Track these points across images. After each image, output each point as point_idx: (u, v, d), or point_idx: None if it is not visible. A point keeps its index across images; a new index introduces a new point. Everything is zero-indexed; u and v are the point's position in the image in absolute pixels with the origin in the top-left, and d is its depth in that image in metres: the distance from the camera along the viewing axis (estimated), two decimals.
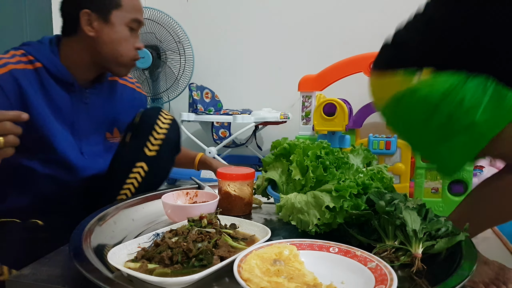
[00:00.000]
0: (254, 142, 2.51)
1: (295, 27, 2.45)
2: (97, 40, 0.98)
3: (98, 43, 0.98)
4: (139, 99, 1.22)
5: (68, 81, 0.99)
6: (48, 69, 0.96)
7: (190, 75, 2.44)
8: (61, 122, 0.99)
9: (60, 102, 0.98)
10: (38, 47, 0.98)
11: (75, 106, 1.02)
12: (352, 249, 0.62)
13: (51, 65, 0.97)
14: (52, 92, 0.97)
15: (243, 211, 0.90)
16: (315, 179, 0.76)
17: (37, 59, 0.96)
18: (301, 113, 1.71)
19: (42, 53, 0.97)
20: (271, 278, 0.53)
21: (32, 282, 0.59)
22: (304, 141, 0.86)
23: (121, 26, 0.99)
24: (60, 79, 0.98)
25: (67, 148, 0.99)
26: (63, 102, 0.99)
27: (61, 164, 0.99)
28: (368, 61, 1.55)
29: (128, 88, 1.19)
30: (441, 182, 1.45)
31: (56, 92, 0.97)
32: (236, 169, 0.91)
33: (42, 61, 0.96)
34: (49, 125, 0.95)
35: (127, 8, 0.99)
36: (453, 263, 0.61)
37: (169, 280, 0.52)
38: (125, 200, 0.90)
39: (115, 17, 0.98)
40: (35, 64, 0.95)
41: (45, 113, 0.95)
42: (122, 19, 0.98)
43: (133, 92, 1.20)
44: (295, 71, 2.00)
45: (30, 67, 0.95)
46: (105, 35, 0.98)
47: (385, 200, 0.68)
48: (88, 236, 0.69)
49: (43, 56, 0.97)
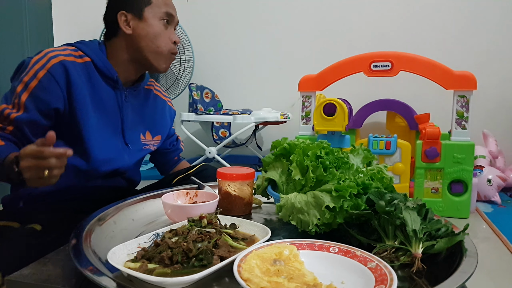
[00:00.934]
0: (254, 142, 2.51)
1: (295, 27, 2.45)
2: (135, 36, 1.06)
3: (136, 39, 1.07)
4: (169, 112, 1.31)
5: (113, 77, 1.06)
6: (96, 64, 1.04)
7: (190, 75, 2.44)
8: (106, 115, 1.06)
9: (104, 96, 1.06)
10: (88, 44, 1.07)
11: (121, 102, 1.09)
12: (352, 249, 0.62)
13: (98, 60, 1.05)
14: (98, 85, 1.04)
15: (243, 211, 0.90)
16: (315, 179, 0.76)
17: (87, 54, 1.04)
18: (301, 113, 1.71)
19: (91, 49, 1.06)
20: (271, 278, 0.53)
21: (32, 282, 0.59)
22: (304, 141, 0.86)
23: (154, 20, 1.07)
24: (106, 75, 1.05)
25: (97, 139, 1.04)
26: (108, 97, 1.07)
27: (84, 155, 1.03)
28: (368, 61, 1.55)
29: (161, 100, 1.28)
30: (441, 182, 1.45)
31: (101, 86, 1.05)
32: (236, 169, 0.91)
33: (91, 56, 1.04)
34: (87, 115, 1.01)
35: (158, 4, 1.07)
36: (453, 263, 0.61)
37: (169, 280, 0.53)
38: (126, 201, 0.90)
39: (148, 13, 1.06)
40: (84, 58, 1.03)
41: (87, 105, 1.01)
42: (154, 14, 1.07)
43: (164, 104, 1.29)
44: (295, 71, 2.00)
45: (79, 61, 1.02)
46: (141, 30, 1.06)
47: (385, 200, 0.68)
48: (88, 236, 0.69)
49: (92, 52, 1.05)
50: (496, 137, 1.97)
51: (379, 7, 2.29)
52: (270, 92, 2.52)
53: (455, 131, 1.48)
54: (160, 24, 1.08)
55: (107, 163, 1.07)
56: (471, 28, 2.15)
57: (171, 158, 1.39)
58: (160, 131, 1.26)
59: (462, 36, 2.17)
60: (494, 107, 2.13)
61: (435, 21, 2.20)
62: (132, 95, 1.14)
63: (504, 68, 2.12)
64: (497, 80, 2.12)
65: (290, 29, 2.46)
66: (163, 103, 1.29)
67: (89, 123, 1.02)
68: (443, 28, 2.19)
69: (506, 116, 2.13)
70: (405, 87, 2.13)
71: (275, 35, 2.49)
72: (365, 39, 2.31)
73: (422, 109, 1.91)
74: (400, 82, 2.00)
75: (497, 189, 1.75)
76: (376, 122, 2.18)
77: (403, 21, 2.25)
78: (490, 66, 2.12)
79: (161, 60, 1.10)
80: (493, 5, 2.11)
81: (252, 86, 2.57)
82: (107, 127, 1.07)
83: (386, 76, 1.55)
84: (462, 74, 1.45)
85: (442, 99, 1.82)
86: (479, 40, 2.15)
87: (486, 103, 2.10)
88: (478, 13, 2.14)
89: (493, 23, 2.12)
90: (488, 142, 1.94)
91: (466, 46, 2.16)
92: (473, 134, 1.50)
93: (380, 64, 1.54)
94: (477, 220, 1.47)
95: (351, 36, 2.34)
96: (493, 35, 2.13)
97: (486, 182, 1.73)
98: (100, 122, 1.05)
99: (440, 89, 1.51)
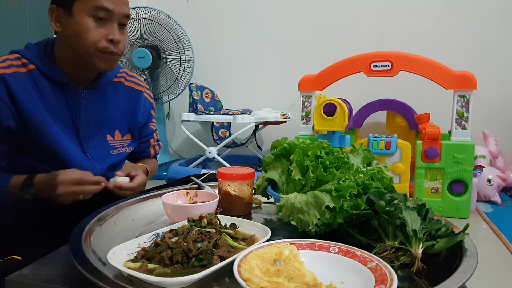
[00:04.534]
0: (254, 142, 2.51)
1: (295, 27, 2.45)
2: (65, 34, 0.95)
3: (66, 37, 0.95)
4: (143, 105, 1.18)
5: (62, 81, 0.98)
6: (41, 70, 0.96)
7: (190, 75, 2.44)
8: (61, 122, 0.99)
9: (55, 103, 0.97)
10: (32, 49, 0.98)
11: (72, 107, 1.01)
12: (352, 249, 0.62)
13: (43, 66, 0.96)
14: (46, 93, 0.96)
15: (243, 211, 0.90)
16: (315, 179, 0.76)
17: (30, 61, 0.96)
18: (301, 113, 1.71)
19: (35, 55, 0.97)
20: (271, 278, 0.53)
21: (32, 282, 0.59)
22: (304, 141, 0.86)
23: (82, 17, 0.92)
24: (54, 80, 0.97)
25: (66, 148, 0.99)
26: (59, 103, 0.98)
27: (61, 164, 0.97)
28: (368, 61, 1.55)
29: (134, 91, 1.16)
30: (441, 182, 1.45)
31: (50, 93, 0.97)
32: (236, 169, 0.91)
33: (35, 62, 0.96)
34: (46, 126, 0.95)
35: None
36: (453, 263, 0.60)
37: (169, 280, 0.52)
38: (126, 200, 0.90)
39: (77, 9, 0.92)
40: (28, 66, 0.95)
41: (41, 114, 0.95)
42: (83, 9, 0.92)
43: (139, 95, 1.17)
44: (295, 71, 2.01)
45: (23, 70, 0.95)
46: (69, 27, 0.94)
47: (385, 200, 0.68)
48: (88, 236, 0.69)
49: (35, 58, 0.96)
50: (496, 137, 1.97)
51: (379, 7, 2.29)
52: (270, 92, 2.52)
53: (455, 131, 1.48)
54: (89, 20, 0.92)
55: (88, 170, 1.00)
56: (471, 28, 2.15)
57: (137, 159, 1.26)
58: (129, 129, 1.15)
59: (462, 36, 2.17)
60: (494, 107, 2.14)
61: (435, 21, 2.20)
62: (92, 95, 1.03)
63: (504, 68, 2.12)
64: (497, 80, 2.12)
65: (290, 29, 2.46)
66: (137, 95, 1.16)
67: (51, 133, 0.95)
68: (443, 28, 2.19)
69: (506, 116, 2.14)
70: (405, 87, 2.13)
71: (275, 35, 2.49)
72: (365, 39, 2.31)
73: (422, 109, 1.91)
74: (400, 82, 2.00)
75: (497, 189, 1.75)
76: (376, 122, 2.18)
77: (403, 21, 2.25)
78: (490, 66, 2.13)
79: (92, 59, 0.95)
80: (493, 5, 2.11)
81: (252, 86, 2.57)
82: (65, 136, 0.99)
83: (386, 76, 1.55)
84: (462, 74, 1.45)
85: (442, 99, 1.82)
86: (479, 40, 2.15)
87: (486, 103, 2.10)
88: (478, 13, 2.14)
89: (494, 23, 2.12)
90: (488, 142, 1.94)
91: (466, 46, 2.16)
92: (473, 134, 1.50)
93: (380, 64, 1.54)
94: (477, 220, 1.47)
95: (351, 36, 2.34)
96: (493, 35, 2.13)
97: (486, 182, 1.73)
98: (60, 131, 0.98)
99: (440, 89, 1.51)
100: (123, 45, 0.99)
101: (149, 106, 1.21)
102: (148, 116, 1.22)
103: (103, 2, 0.93)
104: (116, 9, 0.94)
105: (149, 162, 1.25)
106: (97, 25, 0.93)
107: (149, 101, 1.22)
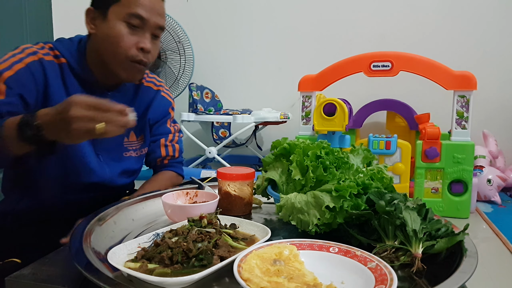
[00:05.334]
0: (254, 142, 2.51)
1: (295, 27, 2.45)
2: (98, 37, 0.94)
3: (98, 39, 0.95)
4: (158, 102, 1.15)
5: (90, 80, 0.97)
6: (72, 66, 0.95)
7: (190, 75, 2.44)
8: None
9: None
10: (66, 44, 0.98)
11: None
12: (352, 249, 0.62)
13: (74, 62, 0.96)
14: (72, 89, 0.95)
15: (243, 211, 0.90)
16: (315, 179, 0.76)
17: (62, 55, 0.95)
18: (301, 113, 1.71)
19: (68, 49, 0.96)
20: (271, 278, 0.53)
21: (32, 282, 0.59)
22: (304, 141, 0.86)
23: (116, 22, 0.91)
24: (82, 78, 0.97)
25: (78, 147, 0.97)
26: None
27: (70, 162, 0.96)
28: (368, 61, 1.55)
29: (151, 91, 1.14)
30: (441, 182, 1.45)
31: (76, 90, 0.96)
32: (236, 169, 0.91)
33: (67, 57, 0.95)
34: None
35: (125, 3, 0.91)
36: (453, 263, 0.60)
37: (169, 280, 0.52)
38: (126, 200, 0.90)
39: (112, 13, 0.92)
40: (60, 59, 0.95)
41: None
42: (118, 14, 0.91)
43: (155, 94, 1.15)
44: (295, 71, 2.00)
45: (57, 61, 0.94)
46: (102, 30, 0.93)
47: (385, 200, 0.68)
48: (88, 236, 0.69)
49: (68, 53, 0.96)
50: (496, 137, 1.97)
51: (379, 7, 2.29)
52: (270, 92, 2.52)
53: (455, 131, 1.47)
54: (123, 26, 0.91)
55: (88, 175, 1.00)
56: (471, 28, 2.15)
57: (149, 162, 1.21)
58: (141, 129, 1.12)
59: (462, 36, 2.17)
60: (494, 107, 2.13)
61: (435, 21, 2.20)
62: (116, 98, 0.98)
63: (504, 68, 2.12)
64: (497, 80, 2.12)
65: (290, 29, 2.46)
66: (154, 94, 1.15)
67: None
68: (443, 28, 2.19)
69: (506, 116, 2.13)
70: (405, 87, 2.13)
71: (275, 35, 2.49)
72: (365, 39, 2.31)
73: (422, 109, 1.91)
74: (400, 82, 2.00)
75: (497, 189, 1.75)
76: (376, 122, 2.18)
77: (403, 21, 2.25)
78: (490, 66, 2.12)
79: (120, 67, 0.94)
80: (494, 5, 2.11)
81: (252, 86, 2.57)
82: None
83: (386, 76, 1.55)
84: (462, 74, 1.45)
85: (442, 99, 1.82)
86: (479, 40, 2.15)
87: (486, 103, 2.10)
88: (478, 13, 2.14)
89: (494, 23, 2.12)
90: (488, 142, 1.94)
91: (466, 46, 2.16)
92: (473, 134, 1.50)
93: (380, 64, 1.54)
94: (477, 220, 1.47)
95: (351, 36, 2.34)
96: (493, 35, 2.13)
97: (486, 182, 1.73)
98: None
99: (440, 89, 1.51)
100: (152, 56, 0.98)
101: (166, 104, 1.18)
102: (163, 115, 1.18)
103: (139, 9, 0.91)
104: (150, 18, 0.93)
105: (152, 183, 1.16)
106: (130, 32, 0.92)
107: (167, 100, 1.19)
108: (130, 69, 0.95)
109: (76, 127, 0.68)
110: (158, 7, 0.95)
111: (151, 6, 0.93)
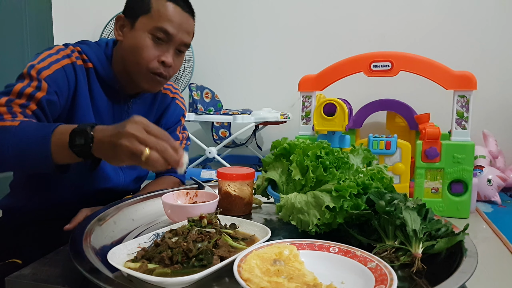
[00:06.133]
0: (254, 142, 2.51)
1: (295, 27, 2.45)
2: (124, 44, 0.97)
3: (123, 48, 0.97)
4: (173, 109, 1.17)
5: (114, 86, 0.98)
6: (98, 71, 0.96)
7: (190, 75, 2.44)
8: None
9: (102, 108, 0.98)
10: (93, 48, 0.99)
11: (117, 115, 1.01)
12: (352, 249, 0.62)
13: (101, 68, 0.97)
14: (96, 94, 0.97)
15: (243, 211, 0.90)
16: (315, 179, 0.76)
17: (90, 59, 0.96)
18: (301, 113, 1.71)
19: (95, 54, 0.97)
20: (271, 278, 0.53)
21: (32, 282, 0.59)
22: (304, 141, 0.86)
23: (142, 33, 0.93)
24: (107, 83, 0.98)
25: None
26: (105, 109, 0.99)
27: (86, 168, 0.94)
28: (368, 61, 1.55)
29: (167, 98, 1.16)
30: (441, 182, 1.45)
31: (100, 97, 0.97)
32: (236, 169, 0.91)
33: (94, 62, 0.96)
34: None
35: (155, 16, 0.93)
36: (453, 263, 0.60)
37: (169, 280, 0.52)
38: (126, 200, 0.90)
39: (140, 23, 0.94)
40: (88, 64, 0.96)
41: (86, 114, 0.95)
42: (145, 25, 0.93)
43: (170, 101, 1.16)
44: (295, 71, 2.00)
45: (85, 66, 0.96)
46: (128, 39, 0.95)
47: (385, 200, 0.68)
48: (88, 236, 0.69)
49: (95, 57, 0.97)
50: (496, 137, 1.97)
51: (379, 7, 2.29)
52: (270, 92, 2.52)
53: (455, 131, 1.47)
54: (148, 38, 0.93)
55: (103, 181, 1.02)
56: (471, 28, 2.15)
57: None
58: None
59: (462, 36, 2.17)
60: (494, 107, 2.14)
61: (435, 21, 2.20)
62: (137, 104, 1.06)
63: (504, 68, 2.12)
64: (497, 80, 2.12)
65: (290, 29, 2.46)
66: (169, 101, 1.17)
67: None
68: (443, 28, 2.19)
69: (506, 116, 2.14)
70: (405, 87, 2.13)
71: (275, 35, 2.49)
72: (365, 39, 2.31)
73: (422, 109, 1.91)
74: (400, 82, 2.00)
75: (497, 189, 1.75)
76: (376, 122, 2.18)
77: (403, 21, 2.25)
78: (490, 66, 2.12)
79: (141, 77, 0.96)
80: (493, 5, 2.11)
81: (252, 86, 2.57)
82: None
83: (386, 76, 1.55)
84: (462, 74, 1.45)
85: (442, 99, 1.82)
86: (479, 40, 2.15)
87: (486, 103, 2.10)
88: (478, 13, 2.14)
89: (494, 23, 2.12)
90: (488, 142, 1.94)
91: (466, 46, 2.16)
92: (473, 134, 1.50)
93: (380, 64, 1.54)
94: (477, 220, 1.47)
95: (351, 36, 2.34)
96: (493, 35, 2.13)
97: (486, 182, 1.73)
98: None
99: (440, 89, 1.51)
100: (173, 70, 0.99)
101: (179, 112, 1.20)
102: (175, 122, 1.20)
103: (166, 25, 0.93)
104: (177, 35, 0.95)
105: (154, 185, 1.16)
106: (154, 44, 0.94)
107: (180, 108, 1.20)
108: (151, 80, 0.97)
109: (126, 144, 0.64)
110: (186, 25, 0.96)
111: (179, 23, 0.95)
